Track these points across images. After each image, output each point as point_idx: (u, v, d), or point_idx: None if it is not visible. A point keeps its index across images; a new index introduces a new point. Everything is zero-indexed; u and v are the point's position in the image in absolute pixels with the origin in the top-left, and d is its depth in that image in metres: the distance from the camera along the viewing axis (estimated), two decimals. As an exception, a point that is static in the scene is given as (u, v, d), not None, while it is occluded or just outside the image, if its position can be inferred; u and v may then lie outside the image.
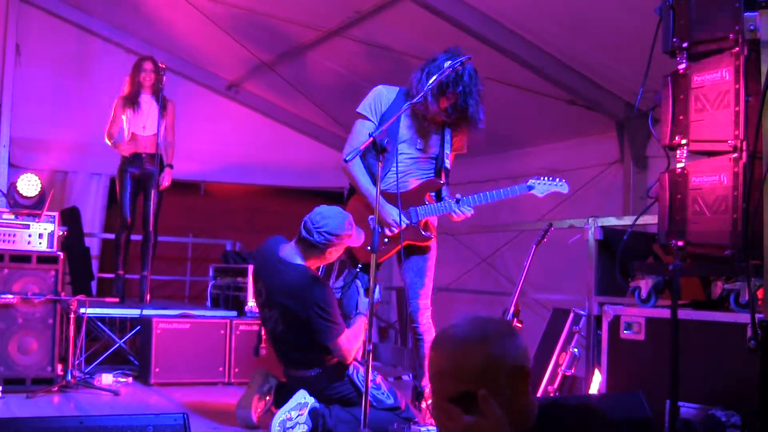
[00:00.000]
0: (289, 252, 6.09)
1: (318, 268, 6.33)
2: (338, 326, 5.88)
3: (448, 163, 6.45)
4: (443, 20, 7.99)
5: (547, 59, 8.30)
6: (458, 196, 6.32)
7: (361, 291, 6.18)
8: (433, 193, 6.43)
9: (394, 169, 6.19)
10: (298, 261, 6.05)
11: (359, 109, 6.39)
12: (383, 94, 6.37)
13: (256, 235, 11.49)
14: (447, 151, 6.43)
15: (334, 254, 6.12)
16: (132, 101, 9.50)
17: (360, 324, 6.02)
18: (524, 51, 8.22)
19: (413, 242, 6.36)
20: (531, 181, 6.49)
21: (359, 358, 6.22)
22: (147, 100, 9.54)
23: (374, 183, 6.21)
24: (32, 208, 7.91)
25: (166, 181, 9.64)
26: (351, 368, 6.03)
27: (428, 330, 6.40)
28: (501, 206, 7.59)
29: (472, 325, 2.61)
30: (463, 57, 5.78)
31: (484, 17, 7.97)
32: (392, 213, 6.19)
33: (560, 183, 6.54)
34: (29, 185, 7.92)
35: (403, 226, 6.19)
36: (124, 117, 9.52)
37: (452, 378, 2.53)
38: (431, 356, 2.62)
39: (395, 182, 6.16)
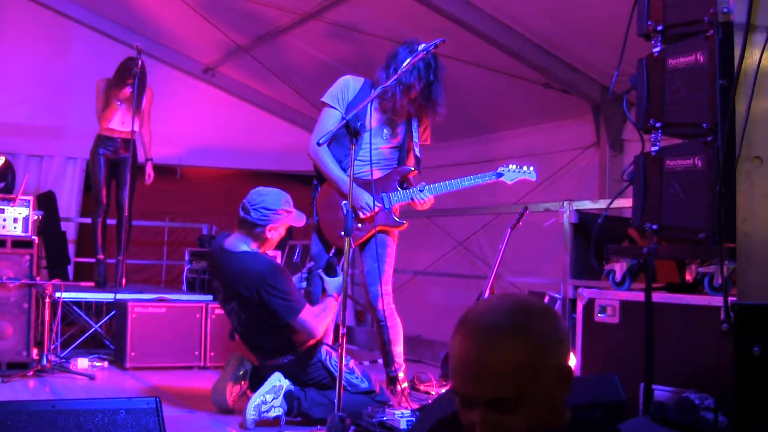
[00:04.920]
0: (233, 242, 6.13)
1: (293, 251, 6.36)
2: (295, 302, 5.88)
3: (418, 151, 6.48)
4: (419, 3, 7.97)
5: (522, 42, 8.29)
6: (423, 184, 6.37)
7: (324, 276, 6.19)
8: (403, 180, 6.47)
9: (364, 158, 6.22)
10: (243, 248, 6.07)
11: (325, 99, 6.43)
12: (350, 84, 6.41)
13: (232, 219, 11.43)
14: (416, 139, 6.46)
15: (275, 234, 6.14)
16: (115, 98, 9.34)
17: (328, 303, 6.03)
18: (500, 34, 8.20)
19: (386, 227, 6.39)
20: (500, 169, 6.56)
21: (331, 342, 6.23)
22: (128, 97, 9.36)
23: (342, 169, 6.30)
24: (4, 191, 7.90)
25: (151, 177, 9.66)
26: (324, 354, 6.04)
27: (391, 315, 6.44)
28: (477, 190, 7.58)
29: (512, 312, 2.18)
30: (437, 40, 5.77)
31: (460, 0, 7.96)
32: (364, 197, 6.22)
33: (529, 170, 6.60)
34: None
35: (376, 209, 6.23)
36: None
37: (480, 380, 2.12)
38: (459, 343, 2.18)
39: (364, 170, 6.22)
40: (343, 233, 5.45)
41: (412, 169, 6.48)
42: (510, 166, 6.56)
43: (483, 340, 2.14)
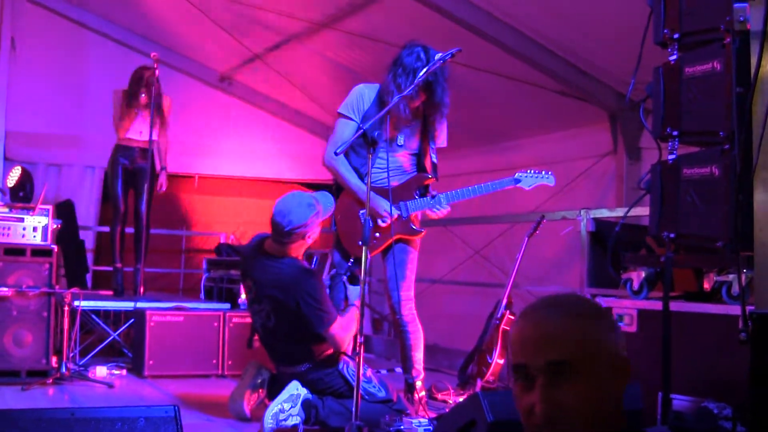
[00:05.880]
0: (274, 246, 6.12)
1: (310, 259, 6.34)
2: (330, 314, 5.90)
3: (435, 158, 6.45)
4: (433, 11, 7.97)
5: (537, 49, 8.27)
6: (434, 193, 6.36)
7: (348, 284, 6.20)
8: (420, 188, 6.45)
9: (381, 166, 6.20)
10: (282, 252, 6.08)
11: (341, 110, 6.40)
12: (364, 93, 6.37)
13: (249, 228, 11.51)
14: (433, 145, 6.44)
15: (313, 234, 6.15)
16: (133, 107, 9.38)
17: (352, 314, 6.03)
18: (514, 41, 8.19)
19: (404, 236, 6.37)
20: (518, 174, 6.54)
21: (349, 352, 6.23)
22: (146, 104, 9.40)
23: (360, 178, 6.27)
24: (22, 200, 7.96)
25: (164, 187, 9.74)
26: (341, 363, 6.04)
27: (412, 321, 6.43)
28: (494, 198, 7.59)
29: (569, 297, 2.34)
30: (453, 49, 5.75)
31: (474, 7, 7.95)
32: (384, 205, 6.20)
33: (547, 175, 6.58)
34: (10, 177, 8.07)
35: (395, 216, 6.21)
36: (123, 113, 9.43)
37: (541, 345, 2.20)
38: (520, 324, 2.28)
39: (382, 178, 6.20)
40: (360, 243, 5.44)
41: (430, 176, 6.46)
42: (528, 171, 6.56)
43: (543, 313, 2.26)
